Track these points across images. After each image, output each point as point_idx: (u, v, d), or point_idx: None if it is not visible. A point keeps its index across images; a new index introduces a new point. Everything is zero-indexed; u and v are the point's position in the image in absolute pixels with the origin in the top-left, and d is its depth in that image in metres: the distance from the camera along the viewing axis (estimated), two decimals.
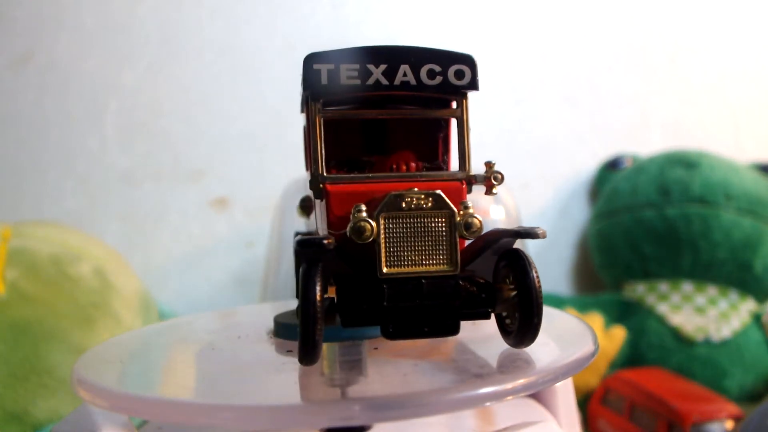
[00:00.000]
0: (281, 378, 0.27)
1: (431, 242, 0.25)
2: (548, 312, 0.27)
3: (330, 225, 0.27)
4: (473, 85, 0.28)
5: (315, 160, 0.27)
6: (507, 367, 0.26)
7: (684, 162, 0.71)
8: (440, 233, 0.25)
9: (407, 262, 0.25)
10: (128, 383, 0.27)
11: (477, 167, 0.29)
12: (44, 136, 0.73)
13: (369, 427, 0.29)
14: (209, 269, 0.76)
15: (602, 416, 0.55)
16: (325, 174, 0.27)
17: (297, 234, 0.37)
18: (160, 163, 0.75)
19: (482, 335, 0.29)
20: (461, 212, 0.25)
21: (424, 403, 0.22)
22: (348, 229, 0.24)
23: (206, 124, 0.76)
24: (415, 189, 0.25)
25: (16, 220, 0.61)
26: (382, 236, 0.25)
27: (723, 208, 0.67)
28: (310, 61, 0.26)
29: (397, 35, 0.79)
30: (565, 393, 0.36)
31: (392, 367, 0.27)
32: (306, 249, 0.24)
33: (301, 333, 0.23)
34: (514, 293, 0.26)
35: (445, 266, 0.25)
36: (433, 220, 0.25)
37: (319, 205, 0.28)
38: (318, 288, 0.23)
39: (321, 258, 0.24)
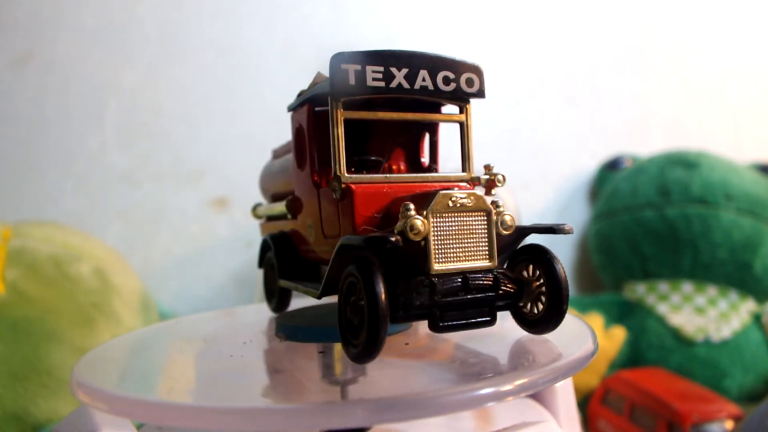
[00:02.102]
0: (281, 379, 0.27)
1: (473, 239, 0.26)
2: None
3: (356, 224, 0.27)
4: (481, 93, 0.29)
5: (336, 161, 0.27)
6: (507, 367, 0.26)
7: (684, 162, 0.71)
8: (481, 230, 0.26)
9: (453, 258, 0.26)
10: (128, 385, 0.27)
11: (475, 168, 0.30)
12: (44, 136, 0.73)
13: (368, 427, 0.29)
14: (209, 269, 0.76)
15: (602, 416, 0.55)
16: (346, 174, 0.28)
17: (274, 238, 0.36)
18: (160, 163, 0.75)
19: (481, 335, 0.29)
20: (495, 211, 0.27)
21: (424, 404, 0.22)
22: (401, 227, 0.25)
23: (206, 124, 0.76)
24: (456, 189, 0.26)
25: (16, 220, 0.61)
26: (432, 234, 0.25)
27: (723, 209, 0.67)
28: (338, 60, 0.26)
29: (396, 36, 0.79)
30: (565, 393, 0.36)
31: (392, 367, 0.27)
32: (377, 247, 0.24)
33: (368, 332, 0.23)
34: (538, 284, 0.28)
35: (487, 261, 0.26)
36: (475, 218, 0.26)
37: (335, 205, 0.28)
38: (383, 286, 0.23)
39: (377, 257, 0.24)
